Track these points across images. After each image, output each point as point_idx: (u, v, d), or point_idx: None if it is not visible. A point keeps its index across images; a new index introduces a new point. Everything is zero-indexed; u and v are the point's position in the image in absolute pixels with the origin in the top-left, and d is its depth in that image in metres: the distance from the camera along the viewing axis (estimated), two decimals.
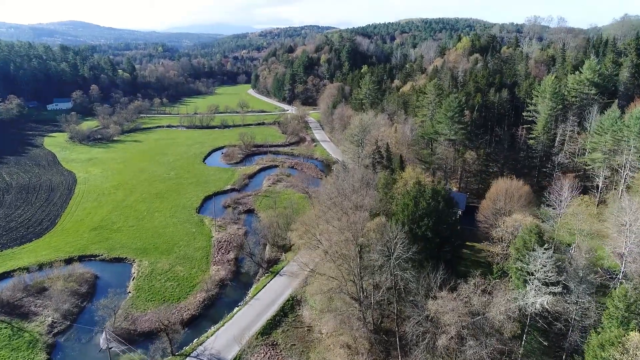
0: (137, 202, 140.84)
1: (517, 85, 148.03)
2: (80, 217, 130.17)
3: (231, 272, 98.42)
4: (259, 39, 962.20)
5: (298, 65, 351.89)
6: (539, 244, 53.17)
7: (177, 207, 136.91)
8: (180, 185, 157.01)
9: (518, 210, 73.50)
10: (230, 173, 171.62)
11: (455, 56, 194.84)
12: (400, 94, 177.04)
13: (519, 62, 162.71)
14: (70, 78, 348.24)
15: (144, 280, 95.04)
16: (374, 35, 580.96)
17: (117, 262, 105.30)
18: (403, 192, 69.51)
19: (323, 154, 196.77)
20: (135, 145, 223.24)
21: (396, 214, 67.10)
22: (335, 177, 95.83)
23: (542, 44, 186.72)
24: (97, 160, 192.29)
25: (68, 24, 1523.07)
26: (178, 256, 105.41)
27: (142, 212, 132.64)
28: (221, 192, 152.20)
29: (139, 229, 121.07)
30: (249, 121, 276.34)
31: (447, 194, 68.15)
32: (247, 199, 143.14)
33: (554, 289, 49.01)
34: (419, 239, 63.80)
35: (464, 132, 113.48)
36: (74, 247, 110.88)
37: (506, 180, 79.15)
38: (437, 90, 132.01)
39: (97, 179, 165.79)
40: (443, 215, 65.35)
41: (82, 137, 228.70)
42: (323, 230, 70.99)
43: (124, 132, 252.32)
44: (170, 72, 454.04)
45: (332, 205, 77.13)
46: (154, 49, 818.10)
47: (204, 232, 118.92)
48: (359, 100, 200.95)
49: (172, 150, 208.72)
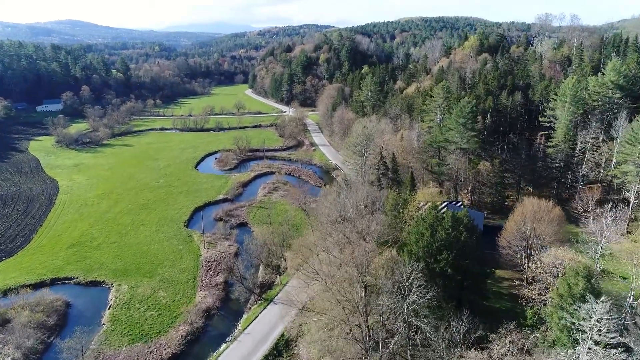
0: (121, 214, 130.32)
1: (531, 87, 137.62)
2: (58, 231, 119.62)
3: (219, 299, 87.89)
4: (258, 38, 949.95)
5: (296, 65, 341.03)
6: (588, 291, 42.85)
7: (164, 220, 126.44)
8: (169, 195, 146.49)
9: (548, 234, 63.41)
10: (224, 181, 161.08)
11: (462, 56, 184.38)
12: (404, 96, 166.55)
13: (531, 62, 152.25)
14: (61, 78, 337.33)
15: (121, 309, 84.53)
16: (373, 34, 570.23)
17: (93, 286, 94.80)
18: (417, 218, 59.31)
19: (322, 160, 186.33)
20: (126, 149, 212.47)
21: (409, 245, 56.83)
22: (337, 194, 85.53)
23: (554, 43, 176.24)
24: (83, 167, 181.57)
25: (66, 23, 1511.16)
26: (162, 279, 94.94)
27: (126, 226, 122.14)
28: (213, 202, 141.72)
29: (121, 246, 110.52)
30: (245, 123, 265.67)
31: (470, 222, 57.91)
32: (240, 211, 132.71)
33: (615, 356, 38.65)
34: (437, 275, 53.58)
35: (477, 140, 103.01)
36: (48, 267, 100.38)
37: (533, 201, 68.82)
38: (445, 94, 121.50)
39: (81, 187, 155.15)
40: (465, 247, 55.06)
41: (70, 141, 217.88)
42: (322, 260, 60.57)
43: (115, 135, 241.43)
44: (166, 72, 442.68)
45: (333, 230, 66.93)
46: (150, 48, 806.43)
47: (192, 250, 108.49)
48: (360, 102, 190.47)
49: (164, 155, 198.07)
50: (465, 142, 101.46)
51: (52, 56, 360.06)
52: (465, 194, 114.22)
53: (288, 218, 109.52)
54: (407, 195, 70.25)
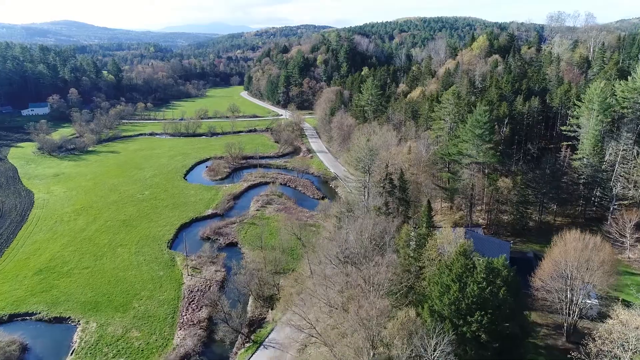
0: (99, 233, 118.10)
1: (548, 91, 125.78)
2: (26, 254, 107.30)
3: (201, 341, 75.68)
4: (255, 39, 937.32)
5: (293, 67, 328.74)
6: None
7: (145, 239, 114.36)
8: (153, 209, 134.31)
9: (596, 280, 51.81)
10: (214, 192, 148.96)
11: (470, 57, 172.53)
12: (408, 100, 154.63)
13: (546, 64, 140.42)
14: (49, 81, 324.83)
15: (85, 355, 72.40)
16: (372, 34, 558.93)
17: (58, 322, 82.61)
18: (439, 265, 47.38)
19: (320, 168, 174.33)
20: (111, 157, 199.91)
21: (430, 299, 45.01)
22: (337, 222, 73.57)
23: (569, 44, 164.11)
24: (63, 177, 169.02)
25: (62, 23, 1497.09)
26: (137, 314, 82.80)
27: (102, 247, 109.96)
28: (200, 218, 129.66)
29: (94, 272, 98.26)
30: (240, 128, 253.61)
31: (510, 273, 45.72)
32: (230, 228, 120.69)
33: None
34: (467, 341, 41.88)
35: (495, 153, 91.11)
36: (8, 300, 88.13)
37: (576, 235, 56.75)
38: (456, 100, 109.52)
39: (58, 201, 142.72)
40: (504, 307, 43.09)
41: (53, 147, 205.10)
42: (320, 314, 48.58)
43: (102, 141, 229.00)
44: (159, 74, 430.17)
45: (335, 275, 55.07)
46: (145, 49, 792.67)
47: (174, 277, 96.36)
48: (360, 107, 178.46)
49: (151, 163, 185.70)
50: (482, 155, 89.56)
51: (39, 57, 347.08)
52: (479, 213, 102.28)
53: (282, 242, 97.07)
54: (424, 228, 58.18)
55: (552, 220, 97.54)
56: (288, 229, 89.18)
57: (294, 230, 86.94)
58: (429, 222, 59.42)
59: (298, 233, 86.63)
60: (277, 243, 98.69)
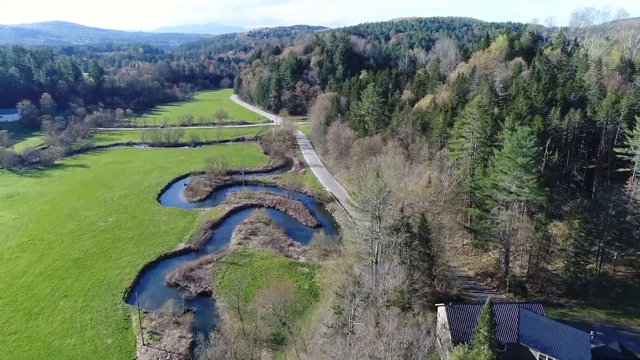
0: (41, 278, 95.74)
1: (589, 102, 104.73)
2: None
3: None
4: (247, 39, 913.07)
5: (285, 69, 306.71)
6: None
7: (98, 286, 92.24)
8: (115, 243, 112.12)
9: None
10: (189, 219, 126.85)
11: (486, 60, 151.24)
12: (416, 110, 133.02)
13: (582, 69, 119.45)
14: (22, 85, 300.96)
15: None
16: (367, 35, 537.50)
17: None
18: None
19: (314, 186, 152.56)
20: (79, 172, 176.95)
21: None
22: (337, 309, 51.77)
23: (605, 44, 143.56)
24: (18, 198, 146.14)
25: (52, 24, 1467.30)
26: None
27: (41, 300, 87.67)
28: (170, 255, 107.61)
29: (22, 340, 76.00)
30: (226, 136, 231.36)
31: None
32: (204, 270, 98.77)
33: None
34: None
35: (543, 188, 69.61)
36: None
37: None
38: (483, 115, 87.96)
39: (3, 230, 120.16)
40: None
41: (13, 161, 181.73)
42: None
43: (72, 152, 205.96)
44: (144, 76, 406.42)
45: None
46: (134, 50, 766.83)
47: (125, 348, 74.31)
48: (360, 116, 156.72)
49: (123, 180, 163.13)
50: (527, 192, 68.18)
51: (13, 59, 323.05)
52: (517, 264, 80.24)
53: (262, 321, 73.78)
54: (487, 349, 36.80)
55: (612, 271, 76.34)
56: (267, 307, 66.63)
57: (276, 310, 64.51)
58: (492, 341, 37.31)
59: (283, 312, 64.48)
60: (259, 304, 76.24)
